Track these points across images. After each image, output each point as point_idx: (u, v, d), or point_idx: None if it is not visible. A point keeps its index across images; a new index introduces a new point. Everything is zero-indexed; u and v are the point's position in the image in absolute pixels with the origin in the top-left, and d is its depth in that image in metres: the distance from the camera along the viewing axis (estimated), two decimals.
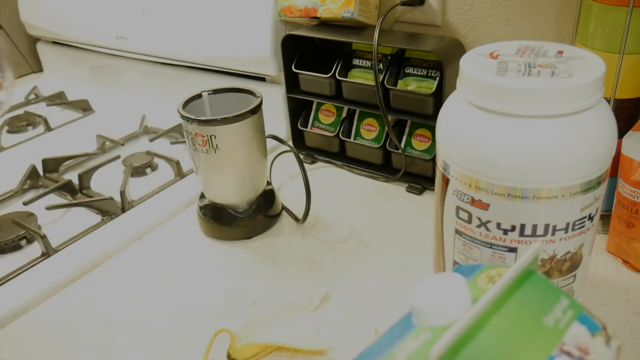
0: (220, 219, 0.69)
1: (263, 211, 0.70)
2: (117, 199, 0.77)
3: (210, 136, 0.62)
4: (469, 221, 0.46)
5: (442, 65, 0.69)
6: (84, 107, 1.12)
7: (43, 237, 0.68)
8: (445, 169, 0.46)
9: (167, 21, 0.99)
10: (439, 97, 0.71)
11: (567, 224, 0.44)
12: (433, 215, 0.52)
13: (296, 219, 0.72)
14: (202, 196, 0.71)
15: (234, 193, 0.68)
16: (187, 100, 0.67)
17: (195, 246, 0.69)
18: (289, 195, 0.77)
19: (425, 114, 0.73)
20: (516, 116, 0.41)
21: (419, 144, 0.77)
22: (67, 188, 0.82)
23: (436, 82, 0.72)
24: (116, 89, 1.19)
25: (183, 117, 0.63)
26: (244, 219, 0.69)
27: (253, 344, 0.51)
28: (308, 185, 0.70)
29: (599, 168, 0.42)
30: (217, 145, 0.63)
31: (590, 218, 0.45)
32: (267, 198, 0.71)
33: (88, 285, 0.64)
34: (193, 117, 0.62)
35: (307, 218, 0.71)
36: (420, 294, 0.26)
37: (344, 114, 0.85)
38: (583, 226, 0.44)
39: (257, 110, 0.64)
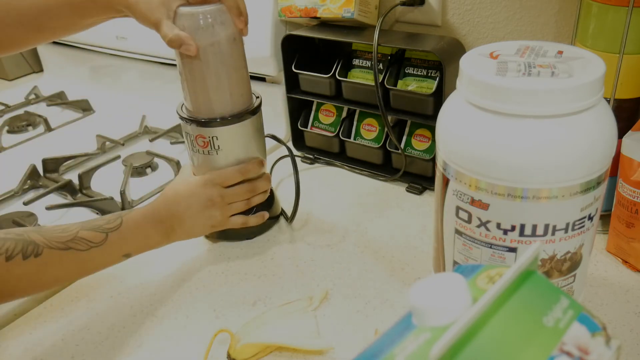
0: None
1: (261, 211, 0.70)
2: (117, 199, 0.77)
3: (212, 137, 0.62)
4: (469, 221, 0.46)
5: (442, 65, 0.69)
6: (84, 107, 1.12)
7: None
8: (445, 169, 0.46)
9: None
10: (439, 97, 0.71)
11: (567, 224, 0.44)
12: (433, 215, 0.52)
13: (287, 218, 0.72)
14: None
15: None
16: None
17: (196, 246, 0.69)
18: (288, 196, 0.77)
19: (425, 114, 0.73)
20: (516, 116, 0.41)
21: (419, 144, 0.77)
22: (67, 188, 0.82)
23: (436, 82, 0.72)
24: (116, 89, 1.19)
25: (182, 118, 0.63)
26: None
27: (253, 344, 0.51)
28: (298, 186, 0.71)
29: (599, 168, 0.42)
30: (218, 146, 0.63)
31: (590, 218, 0.45)
32: (267, 199, 0.71)
33: (88, 286, 0.64)
34: (193, 118, 0.62)
35: (295, 217, 0.72)
36: (420, 294, 0.26)
37: (344, 114, 0.85)
38: (583, 226, 0.44)
39: (256, 111, 0.64)
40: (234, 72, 0.61)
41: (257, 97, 0.66)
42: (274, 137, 0.73)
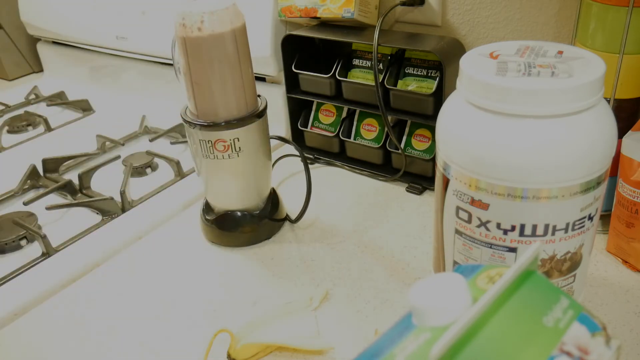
0: (226, 226, 0.68)
1: (269, 215, 0.69)
2: (117, 199, 0.77)
3: (234, 139, 0.61)
4: (469, 221, 0.46)
5: (442, 65, 0.69)
6: (84, 107, 1.12)
7: (43, 237, 0.68)
8: (445, 169, 0.46)
9: (167, 21, 0.99)
10: (439, 97, 0.71)
11: (567, 224, 0.44)
12: (433, 215, 0.52)
13: (290, 220, 0.71)
14: (206, 204, 0.70)
15: (244, 198, 0.67)
16: None
17: (196, 246, 0.69)
18: (289, 196, 0.77)
19: (425, 114, 0.73)
20: (516, 116, 0.41)
21: (419, 144, 0.77)
22: (67, 188, 0.82)
23: (436, 82, 0.72)
24: (116, 89, 1.19)
25: (196, 124, 0.61)
26: (249, 224, 0.68)
27: (253, 344, 0.51)
28: (310, 187, 0.70)
29: (599, 168, 0.42)
30: (239, 147, 0.62)
31: (590, 218, 0.45)
32: (273, 202, 0.70)
33: (88, 285, 0.64)
34: (202, 122, 0.60)
35: (302, 218, 0.71)
36: (420, 294, 0.26)
37: (344, 114, 0.85)
38: (583, 226, 0.44)
39: (266, 108, 0.64)
40: (248, 69, 0.61)
41: (259, 95, 0.66)
42: (281, 139, 0.73)
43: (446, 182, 0.47)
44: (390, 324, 0.27)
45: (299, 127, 0.87)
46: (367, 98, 0.78)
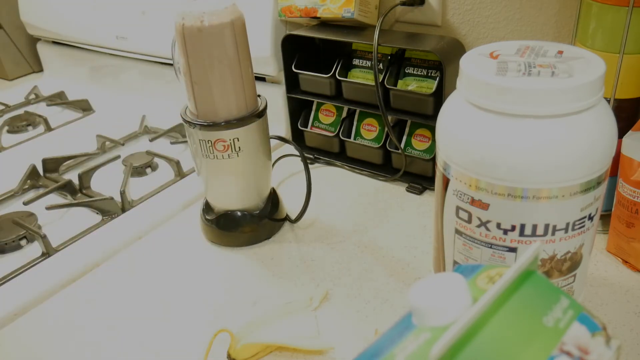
0: (226, 226, 0.68)
1: (269, 215, 0.69)
2: (117, 199, 0.77)
3: (234, 139, 0.61)
4: (469, 221, 0.46)
5: (442, 65, 0.69)
6: (84, 107, 1.12)
7: (43, 237, 0.68)
8: (445, 169, 0.46)
9: (167, 21, 0.99)
10: (439, 97, 0.71)
11: (567, 224, 0.44)
12: (433, 215, 0.52)
13: (290, 220, 0.71)
14: (206, 204, 0.70)
15: (244, 198, 0.67)
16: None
17: (196, 246, 0.69)
18: (289, 196, 0.77)
19: (425, 114, 0.73)
20: (516, 116, 0.41)
21: (419, 144, 0.77)
22: (67, 188, 0.82)
23: (436, 82, 0.72)
24: (116, 89, 1.19)
25: (195, 124, 0.61)
26: (249, 224, 0.68)
27: (253, 344, 0.51)
28: (309, 187, 0.70)
29: (599, 168, 0.42)
30: (239, 147, 0.62)
31: (590, 218, 0.45)
32: (273, 202, 0.70)
33: (88, 285, 0.64)
34: (202, 122, 0.60)
35: (302, 218, 0.71)
36: (420, 294, 0.26)
37: (344, 114, 0.85)
38: (583, 226, 0.44)
39: (266, 107, 0.64)
40: (248, 69, 0.61)
41: (259, 95, 0.66)
42: (281, 139, 0.73)
43: (446, 182, 0.47)
44: (390, 324, 0.27)
45: (299, 127, 0.87)
46: (367, 98, 0.78)
